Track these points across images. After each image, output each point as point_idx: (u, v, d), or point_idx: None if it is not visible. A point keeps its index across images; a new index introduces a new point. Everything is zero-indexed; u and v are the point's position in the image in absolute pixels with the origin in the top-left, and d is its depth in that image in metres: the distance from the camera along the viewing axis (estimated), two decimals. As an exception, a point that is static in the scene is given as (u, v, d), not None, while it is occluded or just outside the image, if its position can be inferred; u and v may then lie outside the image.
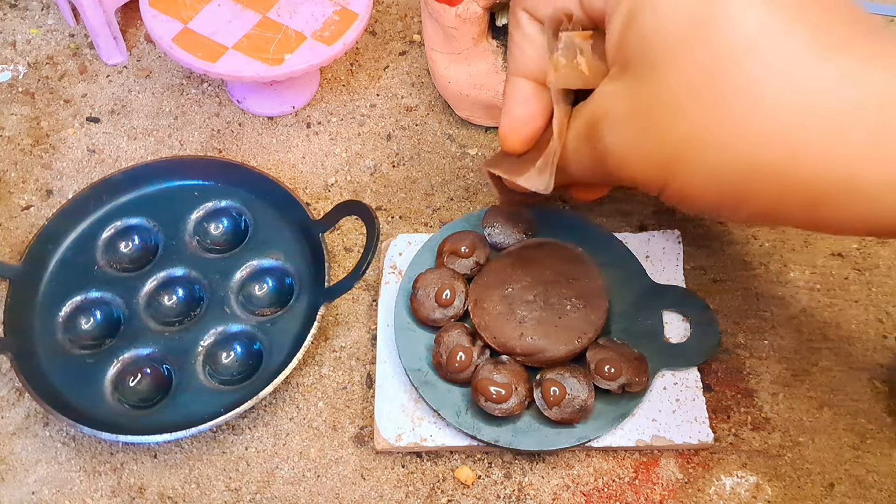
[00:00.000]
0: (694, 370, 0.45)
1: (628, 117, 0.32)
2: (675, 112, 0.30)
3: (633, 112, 0.32)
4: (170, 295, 0.50)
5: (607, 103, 0.33)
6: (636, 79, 0.31)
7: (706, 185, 0.31)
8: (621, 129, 0.32)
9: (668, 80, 0.30)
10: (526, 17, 0.36)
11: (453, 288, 0.46)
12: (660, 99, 0.30)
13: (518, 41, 0.37)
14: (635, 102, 0.31)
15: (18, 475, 0.45)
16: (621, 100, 0.32)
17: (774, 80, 0.28)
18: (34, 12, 0.65)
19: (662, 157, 0.31)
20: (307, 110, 0.59)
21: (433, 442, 0.43)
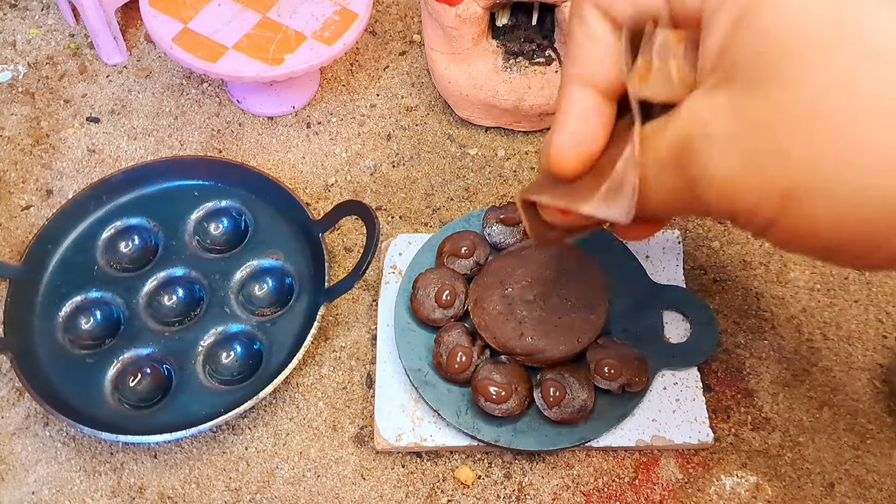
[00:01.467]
0: (694, 370, 0.45)
1: (738, 138, 0.26)
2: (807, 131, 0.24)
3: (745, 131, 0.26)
4: (170, 295, 0.50)
5: (705, 120, 0.27)
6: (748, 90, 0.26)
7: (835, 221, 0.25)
8: (727, 152, 0.26)
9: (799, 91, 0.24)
10: (595, 13, 0.29)
11: (453, 288, 0.46)
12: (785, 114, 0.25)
13: (581, 41, 0.30)
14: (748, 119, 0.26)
15: (18, 475, 0.45)
16: (726, 117, 0.26)
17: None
18: (34, 12, 0.65)
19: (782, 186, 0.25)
20: (307, 110, 0.59)
21: (433, 442, 0.43)
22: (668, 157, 0.28)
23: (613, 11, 0.29)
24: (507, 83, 0.54)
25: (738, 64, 0.26)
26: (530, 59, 0.54)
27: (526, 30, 0.54)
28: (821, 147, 0.24)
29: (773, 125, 0.25)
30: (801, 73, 0.24)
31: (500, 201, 0.53)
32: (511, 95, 0.54)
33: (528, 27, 0.54)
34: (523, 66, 0.54)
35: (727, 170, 0.26)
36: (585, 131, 0.31)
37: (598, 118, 0.31)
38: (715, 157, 0.27)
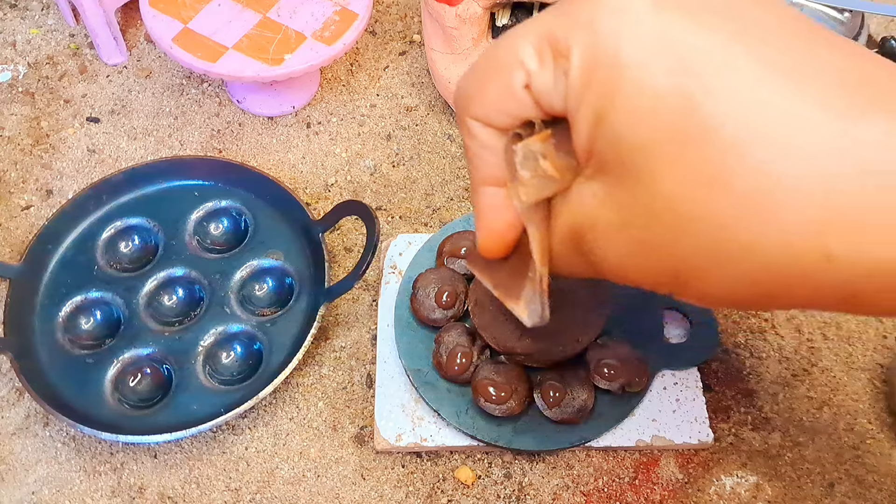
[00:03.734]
0: (694, 370, 0.45)
1: (621, 229, 0.27)
2: (676, 221, 0.25)
3: (626, 223, 0.27)
4: (170, 295, 0.50)
5: (590, 211, 0.28)
6: (618, 184, 0.27)
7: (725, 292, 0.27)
8: (615, 243, 0.28)
9: (660, 187, 0.25)
10: (477, 125, 0.31)
11: (453, 288, 0.46)
12: (654, 209, 0.26)
13: (476, 151, 0.31)
14: (625, 212, 0.27)
15: (18, 475, 0.45)
16: (607, 208, 0.27)
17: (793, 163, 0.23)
18: (34, 12, 0.65)
19: (670, 269, 0.27)
20: (307, 110, 0.59)
21: (433, 442, 0.43)
22: (568, 243, 0.30)
23: (490, 121, 0.30)
24: (507, 83, 0.53)
25: (605, 161, 0.27)
26: (530, 59, 0.54)
27: (526, 30, 0.54)
28: (694, 238, 0.25)
29: (649, 220, 0.26)
30: (660, 172, 0.25)
31: (500, 201, 0.53)
32: (511, 95, 0.54)
33: (528, 27, 0.54)
34: (523, 66, 0.54)
35: (617, 256, 0.28)
36: (504, 224, 0.33)
37: (508, 211, 0.33)
38: (603, 245, 0.28)
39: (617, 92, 0.25)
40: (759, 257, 0.25)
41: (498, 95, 0.29)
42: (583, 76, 0.26)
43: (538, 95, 0.28)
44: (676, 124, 0.24)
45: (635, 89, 0.25)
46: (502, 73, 0.29)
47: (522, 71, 0.28)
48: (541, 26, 0.28)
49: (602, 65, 0.26)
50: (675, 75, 0.24)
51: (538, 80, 0.28)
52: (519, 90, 0.29)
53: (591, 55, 0.26)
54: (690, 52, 0.24)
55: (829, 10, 0.53)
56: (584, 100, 0.26)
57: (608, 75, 0.25)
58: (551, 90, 0.28)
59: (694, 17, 0.25)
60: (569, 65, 0.27)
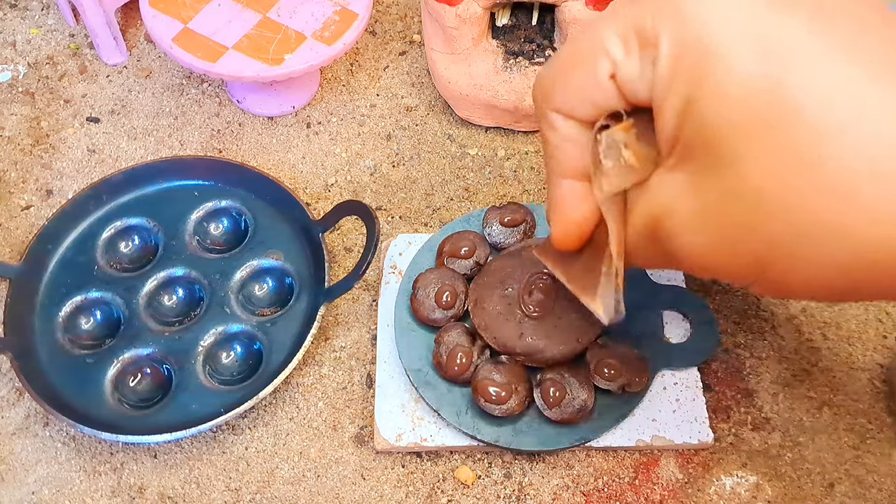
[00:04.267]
0: (694, 370, 0.45)
1: (702, 215, 0.27)
2: (765, 207, 0.25)
3: (708, 209, 0.27)
4: (170, 295, 0.50)
5: (670, 199, 0.28)
6: (704, 170, 0.27)
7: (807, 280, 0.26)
8: (695, 229, 0.28)
9: (749, 171, 0.25)
10: (559, 118, 0.31)
11: (453, 288, 0.46)
12: (741, 193, 0.26)
13: (557, 143, 0.32)
14: (709, 198, 0.27)
15: (18, 475, 0.45)
16: (688, 195, 0.27)
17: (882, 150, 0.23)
18: (34, 12, 0.65)
19: (753, 255, 0.27)
20: (307, 110, 0.59)
21: (433, 442, 0.43)
22: (643, 231, 0.30)
23: (573, 113, 0.31)
24: (507, 83, 0.54)
25: (690, 148, 0.27)
26: (530, 59, 0.54)
27: (526, 30, 0.54)
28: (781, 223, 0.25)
29: (734, 205, 0.26)
30: (750, 156, 0.25)
31: (500, 201, 0.53)
32: (511, 95, 0.54)
33: (528, 27, 0.54)
34: (523, 66, 0.54)
35: (697, 244, 0.28)
36: (581, 216, 0.33)
37: (590, 203, 0.33)
38: (684, 233, 0.28)
39: (706, 78, 0.26)
40: (848, 243, 0.24)
41: (582, 85, 0.29)
42: (672, 63, 0.26)
43: (623, 85, 0.28)
44: (766, 109, 0.25)
45: (725, 75, 0.25)
46: (587, 62, 0.29)
47: (608, 60, 0.28)
48: (626, 15, 0.28)
49: (691, 51, 0.26)
50: (764, 62, 0.25)
51: (624, 70, 0.28)
52: (604, 80, 0.29)
53: (680, 42, 0.26)
54: (779, 38, 0.25)
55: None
56: (672, 87, 0.27)
57: (697, 61, 0.26)
58: (637, 79, 0.28)
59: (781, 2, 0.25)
60: (657, 52, 0.27)
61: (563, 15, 0.51)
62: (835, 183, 0.24)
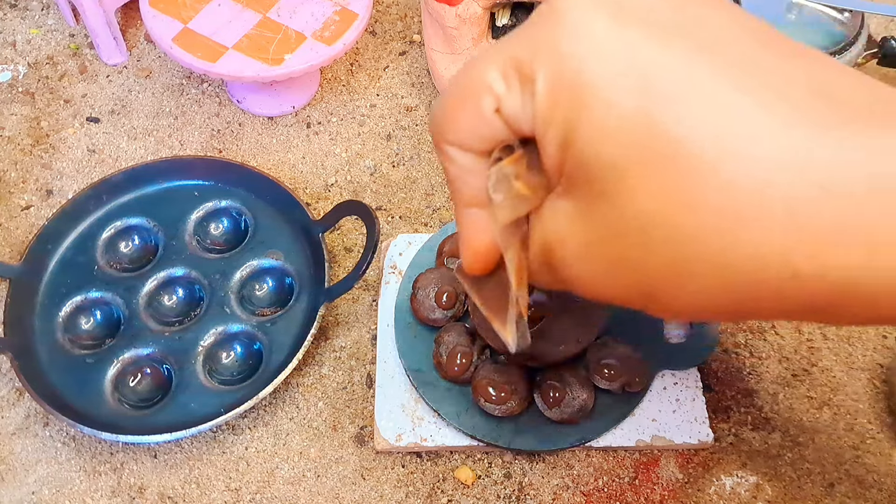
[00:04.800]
0: (694, 370, 0.45)
1: (590, 247, 0.28)
2: (647, 241, 0.26)
3: (595, 241, 0.27)
4: (170, 295, 0.50)
5: (560, 228, 0.29)
6: (587, 202, 0.27)
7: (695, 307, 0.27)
8: (583, 259, 0.28)
9: (628, 205, 0.25)
10: (455, 150, 0.31)
11: (453, 288, 0.46)
12: (623, 227, 0.26)
13: (456, 175, 0.32)
14: (594, 230, 0.27)
15: (18, 475, 0.45)
16: (576, 225, 0.28)
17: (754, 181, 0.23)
18: (34, 12, 0.65)
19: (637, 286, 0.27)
20: (307, 110, 0.59)
21: (433, 442, 0.43)
22: (539, 258, 0.30)
23: (465, 145, 0.31)
24: (507, 83, 0.53)
25: (574, 179, 0.27)
26: (530, 59, 0.54)
27: (526, 30, 0.54)
28: (663, 256, 0.26)
29: (618, 238, 0.26)
30: (628, 191, 0.25)
31: (500, 201, 0.53)
32: (511, 95, 0.54)
33: (528, 27, 0.54)
34: (523, 66, 0.54)
35: (587, 273, 0.28)
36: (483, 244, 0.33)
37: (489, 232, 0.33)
38: (574, 263, 0.29)
39: (582, 113, 0.25)
40: (727, 273, 0.25)
41: (469, 121, 0.30)
42: (548, 98, 0.27)
43: (508, 119, 0.29)
44: (642, 143, 0.25)
45: (600, 110, 0.25)
46: (472, 98, 0.29)
47: (491, 95, 0.28)
48: (505, 51, 0.28)
49: (566, 86, 0.26)
50: (638, 95, 0.24)
51: (507, 104, 0.28)
52: (489, 115, 0.29)
53: (556, 77, 0.26)
54: (652, 70, 0.24)
55: (829, 10, 0.53)
56: (551, 122, 0.27)
57: (573, 97, 0.26)
58: (519, 113, 0.28)
59: (653, 33, 0.25)
60: (534, 88, 0.27)
61: (563, 15, 0.51)
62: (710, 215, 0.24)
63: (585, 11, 0.26)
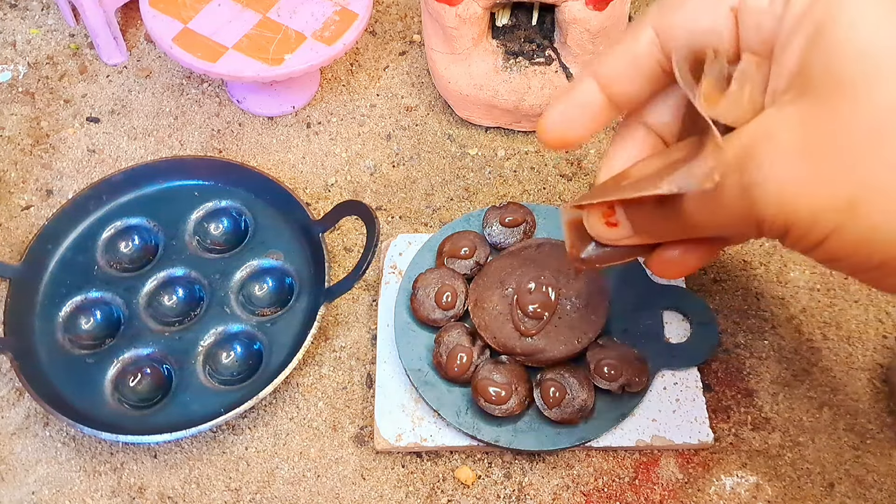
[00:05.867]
0: (694, 370, 0.45)
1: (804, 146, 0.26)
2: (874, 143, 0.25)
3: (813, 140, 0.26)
4: (170, 295, 0.50)
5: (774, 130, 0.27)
6: (819, 104, 0.26)
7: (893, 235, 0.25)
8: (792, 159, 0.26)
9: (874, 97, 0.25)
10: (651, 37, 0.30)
11: (453, 288, 0.46)
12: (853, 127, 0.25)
13: (622, 50, 0.31)
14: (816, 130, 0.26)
15: (18, 475, 0.45)
16: (795, 127, 0.26)
17: None
18: (34, 12, 0.65)
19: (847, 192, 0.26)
20: (307, 110, 0.59)
21: (433, 442, 0.43)
22: (731, 162, 0.28)
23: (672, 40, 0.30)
24: (507, 83, 0.54)
25: (812, 79, 0.26)
26: (530, 59, 0.54)
27: (526, 30, 0.54)
28: (886, 160, 0.25)
29: (841, 136, 0.25)
30: (871, 89, 0.25)
31: (500, 201, 0.53)
32: (511, 95, 0.54)
33: (528, 27, 0.54)
34: (523, 66, 0.54)
35: (791, 177, 0.26)
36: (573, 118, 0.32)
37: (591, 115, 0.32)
38: (780, 164, 0.27)
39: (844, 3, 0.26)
40: None
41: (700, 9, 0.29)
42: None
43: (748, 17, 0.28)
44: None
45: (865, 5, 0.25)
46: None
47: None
48: None
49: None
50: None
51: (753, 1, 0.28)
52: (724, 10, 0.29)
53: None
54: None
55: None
56: (806, 14, 0.27)
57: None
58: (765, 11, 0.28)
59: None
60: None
61: (563, 15, 0.51)
62: None
63: None
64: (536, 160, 0.56)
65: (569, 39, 0.52)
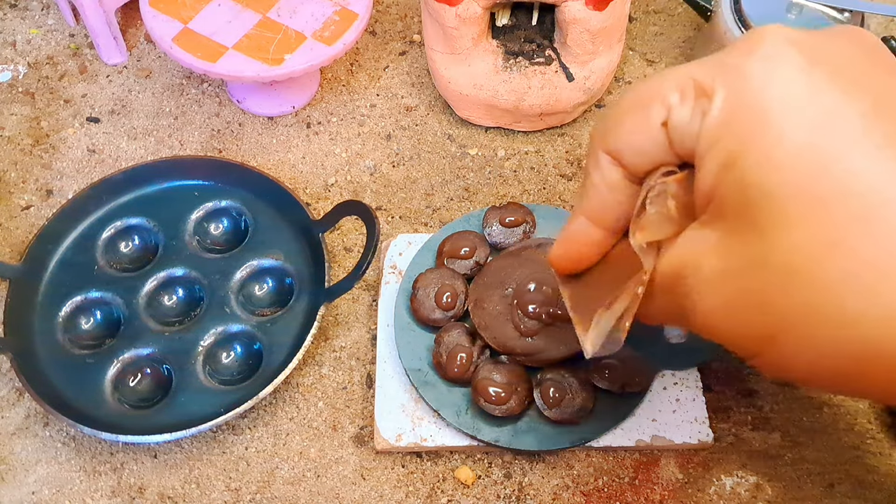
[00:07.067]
0: (694, 370, 0.45)
1: (725, 276, 0.27)
2: (789, 279, 0.25)
3: (732, 271, 0.27)
4: (170, 295, 0.50)
5: (698, 254, 0.28)
6: (735, 231, 0.27)
7: (812, 361, 0.26)
8: (715, 289, 0.28)
9: (782, 240, 0.25)
10: (607, 159, 0.31)
11: (453, 288, 0.46)
12: (769, 261, 0.26)
13: (595, 183, 0.32)
14: (734, 259, 0.27)
15: (18, 475, 0.45)
16: (716, 253, 0.27)
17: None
18: (34, 12, 0.65)
19: (764, 326, 0.27)
20: (307, 110, 0.59)
21: (433, 442, 0.43)
22: (663, 282, 0.30)
23: (622, 159, 0.31)
24: (507, 83, 0.54)
25: (727, 205, 0.27)
26: (530, 59, 0.54)
27: (526, 30, 0.54)
28: (802, 297, 0.25)
29: (756, 270, 0.26)
30: (784, 227, 0.25)
31: (500, 201, 0.53)
32: (511, 95, 0.54)
33: (528, 27, 0.54)
34: (523, 66, 0.54)
35: (713, 305, 0.28)
36: (576, 253, 0.35)
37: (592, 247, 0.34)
38: (705, 294, 0.28)
39: (756, 138, 0.26)
40: (863, 329, 0.25)
41: (634, 129, 0.30)
42: (722, 115, 0.27)
43: (673, 131, 0.29)
44: (809, 181, 0.25)
45: (775, 138, 0.25)
46: (642, 107, 0.29)
47: (663, 107, 0.29)
48: (689, 69, 0.29)
49: (745, 107, 0.26)
50: (813, 132, 0.25)
51: (676, 116, 0.28)
52: (655, 126, 0.29)
53: (735, 96, 0.26)
54: (834, 115, 0.25)
55: (829, 10, 0.53)
56: (718, 140, 0.27)
57: (749, 120, 0.26)
58: (686, 127, 0.28)
59: (839, 81, 0.25)
60: (710, 104, 0.27)
61: (563, 15, 0.51)
62: (863, 270, 0.24)
63: (781, 44, 0.26)
64: (536, 160, 0.56)
65: (569, 39, 0.52)
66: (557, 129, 0.57)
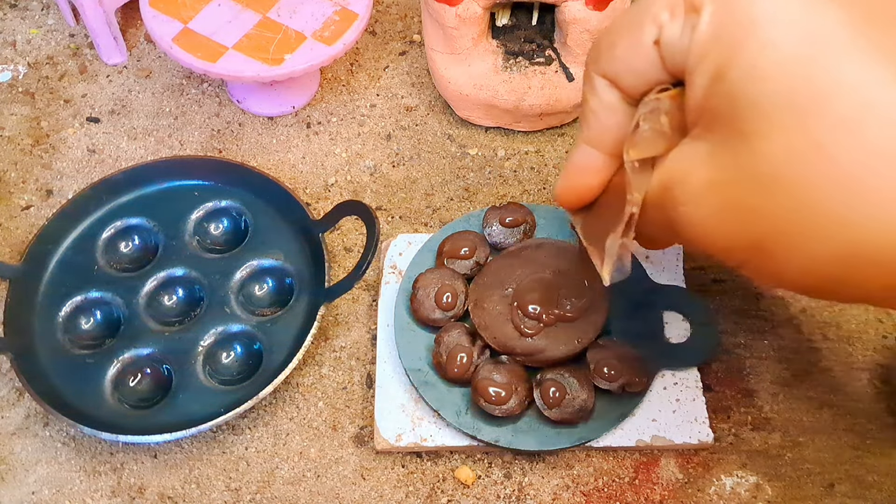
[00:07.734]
0: (694, 370, 0.45)
1: (712, 186, 0.28)
2: (774, 185, 0.26)
3: (719, 181, 0.27)
4: (170, 295, 0.50)
5: (686, 167, 0.29)
6: (723, 142, 0.27)
7: (801, 267, 0.27)
8: (702, 199, 0.28)
9: (767, 147, 0.25)
10: (603, 83, 0.32)
11: (453, 288, 0.46)
12: (754, 169, 0.26)
13: (594, 108, 0.32)
14: (722, 169, 0.27)
15: (18, 475, 0.45)
16: (704, 165, 0.28)
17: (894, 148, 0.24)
18: (34, 12, 0.65)
19: (751, 234, 0.27)
20: (307, 110, 0.59)
21: (433, 442, 0.43)
22: (654, 199, 0.31)
23: (618, 81, 0.32)
24: (507, 83, 0.54)
25: (715, 117, 0.27)
26: (530, 59, 0.54)
27: (526, 30, 0.54)
28: (787, 203, 0.26)
29: (745, 179, 0.27)
30: (771, 132, 0.26)
31: (500, 201, 0.53)
32: (511, 95, 0.54)
33: (528, 27, 0.54)
34: (523, 66, 0.54)
35: (701, 217, 0.29)
36: (582, 183, 0.35)
37: (596, 175, 0.34)
38: (692, 205, 0.29)
39: (743, 49, 0.26)
40: (849, 232, 0.25)
41: (628, 50, 0.30)
42: (710, 29, 0.27)
43: (664, 49, 0.29)
44: (793, 91, 0.25)
45: (761, 49, 0.26)
46: (635, 27, 0.30)
47: (655, 26, 0.29)
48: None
49: (733, 21, 0.27)
50: (801, 43, 0.25)
51: (667, 33, 0.29)
52: (648, 45, 0.30)
53: (724, 10, 0.27)
54: (821, 26, 0.25)
55: None
56: (708, 53, 0.27)
57: (737, 31, 0.26)
58: (676, 43, 0.29)
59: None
60: (698, 19, 0.28)
61: (563, 15, 0.51)
62: (846, 171, 0.24)
63: None
64: (536, 160, 0.56)
65: (569, 39, 0.52)
66: (557, 129, 0.57)
